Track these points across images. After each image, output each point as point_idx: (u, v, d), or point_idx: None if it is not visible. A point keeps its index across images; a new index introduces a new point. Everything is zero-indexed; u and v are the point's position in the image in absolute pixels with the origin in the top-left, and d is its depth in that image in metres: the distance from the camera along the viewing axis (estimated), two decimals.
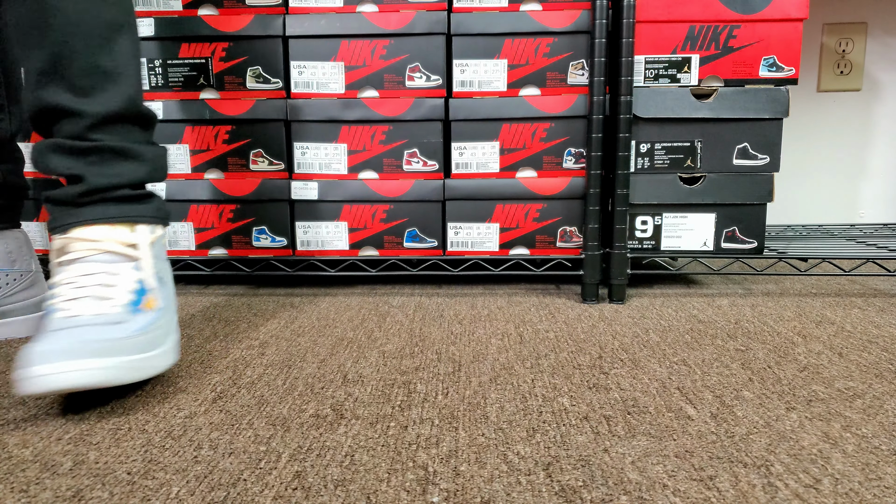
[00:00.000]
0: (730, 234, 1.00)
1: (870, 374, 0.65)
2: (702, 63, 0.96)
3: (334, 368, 0.69)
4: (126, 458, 0.50)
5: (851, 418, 0.55)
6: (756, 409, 0.57)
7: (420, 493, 0.44)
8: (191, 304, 0.96)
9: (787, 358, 0.71)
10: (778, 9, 0.94)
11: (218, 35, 0.99)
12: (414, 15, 0.97)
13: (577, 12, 0.96)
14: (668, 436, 0.52)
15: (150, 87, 1.01)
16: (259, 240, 1.04)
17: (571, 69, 0.98)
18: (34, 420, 0.57)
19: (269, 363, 0.71)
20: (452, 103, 0.99)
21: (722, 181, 0.99)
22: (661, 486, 0.45)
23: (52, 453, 0.51)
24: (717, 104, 0.97)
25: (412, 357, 0.72)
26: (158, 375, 0.67)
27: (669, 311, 0.90)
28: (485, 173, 1.01)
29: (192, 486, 0.45)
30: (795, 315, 0.88)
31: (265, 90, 1.01)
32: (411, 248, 1.03)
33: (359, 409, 0.58)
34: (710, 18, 0.95)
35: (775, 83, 0.96)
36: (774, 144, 0.98)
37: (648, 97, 0.96)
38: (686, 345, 0.76)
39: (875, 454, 0.49)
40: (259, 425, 0.55)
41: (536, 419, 0.56)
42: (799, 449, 0.50)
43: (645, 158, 0.99)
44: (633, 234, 1.01)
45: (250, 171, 1.02)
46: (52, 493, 0.45)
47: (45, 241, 1.05)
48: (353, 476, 0.47)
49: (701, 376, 0.65)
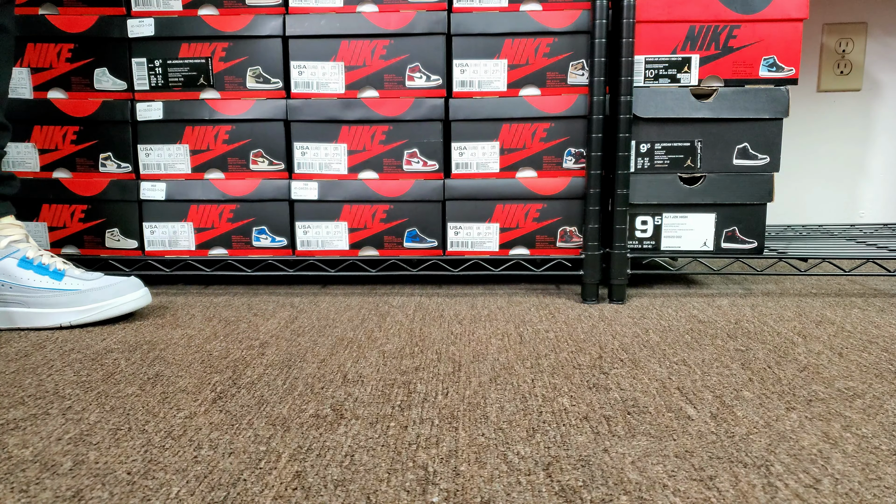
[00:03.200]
0: (730, 234, 1.00)
1: (870, 374, 0.65)
2: (702, 63, 0.96)
3: (334, 368, 0.69)
4: (126, 458, 0.50)
5: (851, 418, 0.55)
6: (756, 409, 0.57)
7: (420, 493, 0.44)
8: (191, 304, 0.96)
9: (787, 358, 0.71)
10: (778, 9, 0.94)
11: (218, 35, 0.99)
12: (414, 15, 0.97)
13: (576, 12, 0.96)
14: (668, 436, 0.52)
15: (149, 87, 1.01)
16: (259, 240, 1.04)
17: (571, 69, 0.98)
18: (34, 420, 0.57)
19: (269, 363, 0.71)
20: (452, 103, 0.99)
21: (722, 181, 0.99)
22: (661, 486, 0.45)
23: (52, 453, 0.51)
24: (717, 104, 0.97)
25: (412, 357, 0.72)
26: (158, 375, 0.67)
27: (669, 311, 0.90)
28: (485, 173, 1.01)
29: (192, 486, 0.45)
30: (795, 315, 0.88)
31: (265, 90, 1.01)
32: (411, 248, 1.03)
33: (359, 409, 0.58)
34: (710, 18, 0.95)
35: (775, 83, 0.96)
36: (774, 144, 0.98)
37: (648, 97, 0.96)
38: (686, 345, 0.76)
39: (875, 454, 0.49)
40: (259, 425, 0.55)
41: (536, 419, 0.56)
42: (799, 449, 0.50)
43: (645, 158, 0.99)
44: (633, 234, 1.01)
45: (250, 171, 1.02)
46: (52, 493, 0.45)
47: (47, 241, 1.05)
48: (353, 476, 0.47)
49: (701, 376, 0.65)
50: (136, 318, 0.89)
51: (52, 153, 1.02)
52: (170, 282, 1.12)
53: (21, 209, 1.04)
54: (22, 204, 1.04)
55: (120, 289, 0.85)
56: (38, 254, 0.85)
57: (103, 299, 0.84)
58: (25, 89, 1.01)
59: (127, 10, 1.00)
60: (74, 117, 1.01)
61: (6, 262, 0.83)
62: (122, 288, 0.85)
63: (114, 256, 1.04)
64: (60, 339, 0.80)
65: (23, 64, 1.00)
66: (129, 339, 0.80)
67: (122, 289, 0.85)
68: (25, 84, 1.01)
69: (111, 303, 0.84)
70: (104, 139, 1.02)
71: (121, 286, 0.86)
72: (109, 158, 1.03)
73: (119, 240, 1.04)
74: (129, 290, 0.86)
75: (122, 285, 0.86)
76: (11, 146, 1.02)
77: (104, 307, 0.84)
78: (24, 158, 1.03)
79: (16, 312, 0.83)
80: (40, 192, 1.03)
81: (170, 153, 1.02)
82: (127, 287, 0.86)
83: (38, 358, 0.73)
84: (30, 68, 1.00)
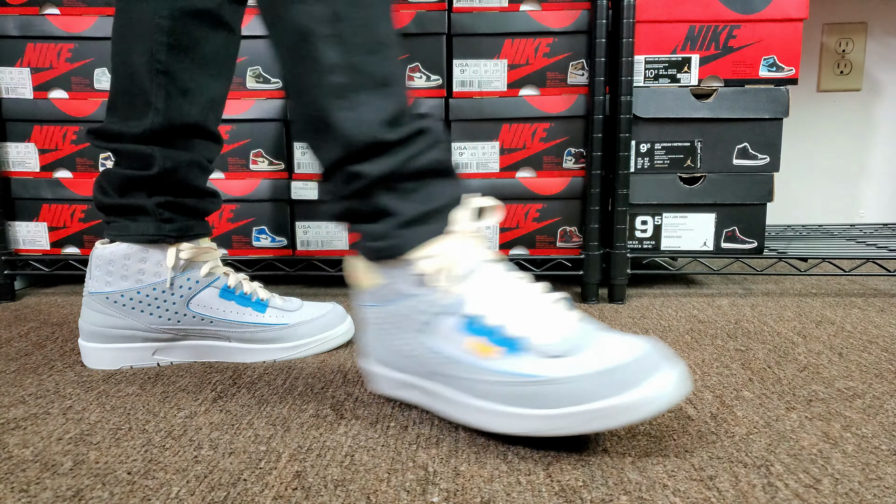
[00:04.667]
0: (730, 234, 1.01)
1: (870, 374, 0.65)
2: (702, 63, 0.96)
3: (334, 368, 0.69)
4: (126, 457, 0.50)
5: (851, 418, 0.55)
6: (756, 409, 0.57)
7: (420, 493, 0.44)
8: None
9: (787, 358, 0.71)
10: (778, 9, 0.94)
11: None
12: (414, 15, 0.97)
13: (576, 12, 0.96)
14: (668, 436, 0.52)
15: None
16: (259, 240, 1.04)
17: (571, 69, 0.98)
18: (34, 419, 0.57)
19: (269, 363, 0.71)
20: (452, 103, 0.99)
21: (722, 181, 0.99)
22: (661, 486, 0.45)
23: (52, 453, 0.51)
24: (717, 104, 0.97)
25: None
26: (158, 375, 0.67)
27: (669, 311, 0.90)
28: (485, 173, 1.01)
29: (193, 486, 0.45)
30: (795, 315, 0.88)
31: (265, 90, 1.01)
32: None
33: (359, 409, 0.58)
34: (710, 18, 0.95)
35: (775, 83, 0.96)
36: (774, 144, 0.98)
37: (648, 97, 0.96)
38: (686, 345, 0.76)
39: (875, 454, 0.49)
40: (259, 425, 0.55)
41: None
42: (799, 449, 0.50)
43: (645, 158, 0.99)
44: (633, 234, 1.01)
45: (250, 171, 1.02)
46: (52, 493, 0.45)
47: (47, 241, 1.05)
48: (353, 476, 0.47)
49: (701, 376, 0.65)
50: None
51: (52, 153, 1.02)
52: None
53: (21, 209, 1.04)
54: (22, 204, 1.04)
55: (328, 321, 0.75)
56: (237, 280, 0.73)
57: (312, 334, 0.73)
58: (25, 89, 1.01)
59: None
60: (74, 117, 1.01)
61: (207, 294, 0.70)
62: (331, 320, 0.75)
63: None
64: (60, 339, 0.80)
65: (23, 64, 1.00)
66: None
67: (331, 321, 0.75)
68: (25, 84, 1.01)
69: (321, 338, 0.74)
70: None
71: (329, 318, 0.75)
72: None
73: None
74: (337, 322, 0.75)
75: (330, 317, 0.75)
76: (11, 146, 1.02)
77: (313, 343, 0.73)
78: (24, 158, 1.02)
79: (214, 347, 0.72)
80: (40, 192, 1.03)
81: None
82: (335, 319, 0.75)
83: (38, 357, 0.73)
84: (30, 68, 1.00)
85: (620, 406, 0.45)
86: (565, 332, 0.48)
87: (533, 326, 0.48)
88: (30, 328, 0.85)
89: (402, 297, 0.54)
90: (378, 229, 0.54)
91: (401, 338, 0.55)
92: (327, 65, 0.52)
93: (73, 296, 1.03)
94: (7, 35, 0.99)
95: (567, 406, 0.46)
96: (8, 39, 0.99)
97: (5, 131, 1.02)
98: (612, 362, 0.46)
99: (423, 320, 0.53)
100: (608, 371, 0.45)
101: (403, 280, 0.53)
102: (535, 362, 0.47)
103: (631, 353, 0.46)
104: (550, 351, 0.47)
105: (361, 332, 0.59)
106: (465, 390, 0.50)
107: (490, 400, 0.49)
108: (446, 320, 0.51)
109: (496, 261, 0.53)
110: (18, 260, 1.03)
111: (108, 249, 0.68)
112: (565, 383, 0.46)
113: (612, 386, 0.45)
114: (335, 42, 0.51)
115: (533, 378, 0.47)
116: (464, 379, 0.50)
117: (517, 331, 0.48)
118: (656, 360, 0.46)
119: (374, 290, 0.56)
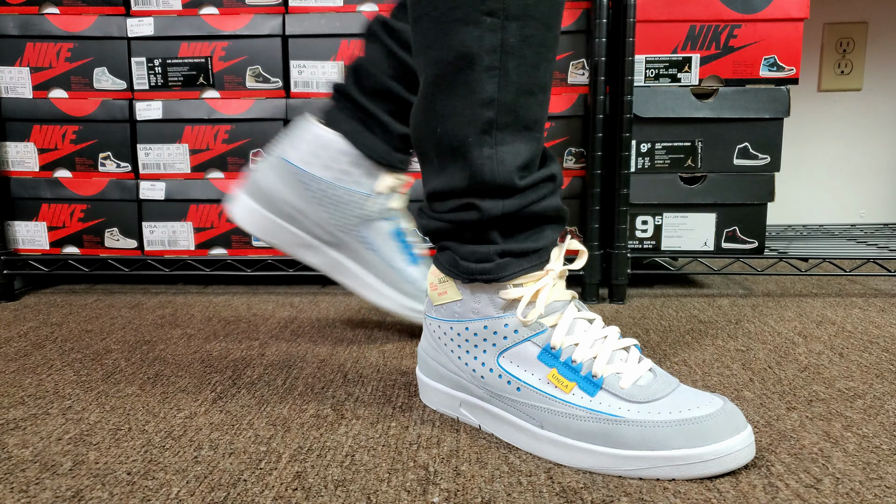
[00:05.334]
0: (730, 233, 1.00)
1: (870, 375, 0.65)
2: (702, 63, 0.96)
3: (334, 368, 0.69)
4: (126, 458, 0.50)
5: (852, 418, 0.55)
6: (757, 408, 0.57)
7: (420, 493, 0.44)
8: (190, 304, 0.96)
9: (787, 358, 0.71)
10: (778, 8, 0.94)
11: (217, 34, 0.99)
12: None
13: (577, 12, 0.96)
14: None
15: (149, 87, 1.01)
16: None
17: (572, 69, 0.98)
18: (34, 420, 0.57)
19: (269, 363, 0.71)
20: None
21: (722, 181, 0.99)
22: (662, 487, 0.45)
23: (52, 453, 0.50)
24: (718, 104, 0.97)
25: (413, 357, 0.72)
26: (158, 375, 0.67)
27: (670, 312, 0.90)
28: None
29: (192, 486, 0.45)
30: (796, 315, 0.88)
31: (265, 90, 1.00)
32: None
33: (359, 409, 0.58)
34: (711, 18, 0.95)
35: (776, 83, 0.96)
36: (775, 144, 0.98)
37: (649, 97, 0.96)
38: (686, 345, 0.76)
39: (876, 454, 0.49)
40: (259, 425, 0.55)
41: None
42: (799, 448, 0.50)
43: (645, 158, 0.99)
44: (634, 234, 1.01)
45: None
46: (52, 493, 0.45)
47: (46, 241, 1.05)
48: (354, 476, 0.47)
49: (702, 376, 0.65)
50: (136, 318, 0.89)
51: (51, 153, 1.02)
52: (169, 282, 1.12)
53: (20, 209, 1.04)
54: (21, 204, 1.04)
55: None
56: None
57: None
58: (25, 89, 1.01)
59: (126, 9, 1.00)
60: (74, 117, 1.01)
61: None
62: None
63: (113, 256, 1.04)
64: (60, 339, 0.80)
65: (22, 63, 1.00)
66: (129, 339, 0.80)
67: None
68: (25, 84, 1.01)
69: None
70: (104, 139, 1.02)
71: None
72: (109, 158, 1.02)
73: (118, 239, 1.04)
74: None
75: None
76: (10, 145, 1.02)
77: None
78: (24, 158, 1.02)
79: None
80: (40, 191, 1.03)
81: (169, 153, 1.02)
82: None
83: (38, 357, 0.73)
84: (29, 67, 1.00)
85: (694, 457, 0.45)
86: (644, 378, 0.49)
87: (613, 368, 0.49)
88: (29, 328, 0.85)
89: (482, 316, 0.53)
90: (480, 252, 0.53)
91: (470, 356, 0.54)
92: (482, 98, 0.50)
93: (73, 295, 1.03)
94: (6, 34, 0.99)
95: (641, 449, 0.46)
96: (7, 39, 0.99)
97: (5, 131, 1.02)
98: (692, 414, 0.46)
99: (504, 344, 0.52)
100: (686, 421, 0.46)
101: (488, 301, 0.53)
102: (614, 402, 0.48)
103: (709, 407, 0.46)
104: (630, 394, 0.48)
105: (422, 342, 0.58)
106: (536, 420, 0.50)
107: (563, 433, 0.49)
108: (529, 348, 0.51)
109: (576, 300, 0.54)
110: (18, 260, 1.03)
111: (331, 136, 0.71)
112: (643, 427, 0.46)
113: (691, 437, 0.45)
114: (497, 76, 0.49)
115: (612, 417, 0.47)
116: (539, 408, 0.50)
117: (599, 370, 0.49)
118: (734, 420, 0.46)
119: (447, 305, 0.55)
